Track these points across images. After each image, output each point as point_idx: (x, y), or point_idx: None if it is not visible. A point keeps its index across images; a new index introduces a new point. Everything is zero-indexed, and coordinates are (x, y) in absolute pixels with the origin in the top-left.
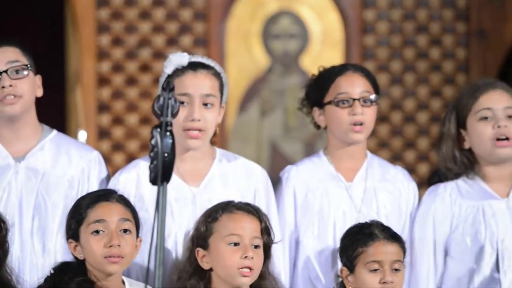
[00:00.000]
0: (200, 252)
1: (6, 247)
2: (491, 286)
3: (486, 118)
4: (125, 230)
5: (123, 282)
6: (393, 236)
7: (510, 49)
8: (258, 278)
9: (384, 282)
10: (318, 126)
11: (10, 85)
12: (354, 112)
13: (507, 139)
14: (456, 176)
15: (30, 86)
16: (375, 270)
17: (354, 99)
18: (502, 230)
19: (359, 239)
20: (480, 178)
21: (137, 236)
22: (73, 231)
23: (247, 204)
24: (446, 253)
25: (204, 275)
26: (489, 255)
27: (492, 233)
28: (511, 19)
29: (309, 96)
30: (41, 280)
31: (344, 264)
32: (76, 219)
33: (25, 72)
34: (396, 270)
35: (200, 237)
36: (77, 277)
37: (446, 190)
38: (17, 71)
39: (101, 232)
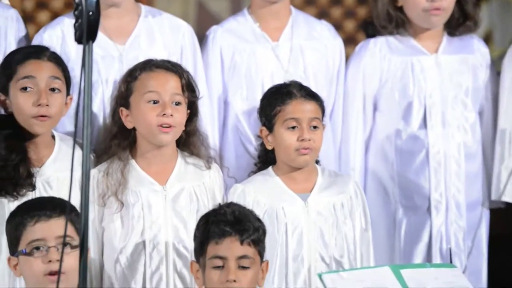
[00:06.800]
0: (123, 111)
1: None
2: (417, 142)
3: None
4: (54, 89)
5: (53, 137)
6: (310, 95)
7: None
8: (187, 135)
9: (302, 140)
10: None
11: None
12: None
13: (437, 9)
14: (390, 34)
15: None
16: (293, 127)
17: None
18: (430, 85)
19: (277, 98)
20: (411, 36)
21: (68, 94)
22: (2, 85)
23: (167, 61)
24: (375, 108)
25: (128, 135)
26: (416, 110)
27: (420, 88)
28: None
29: None
30: None
31: (263, 124)
32: (6, 74)
33: None
34: (315, 127)
35: (122, 97)
36: (5, 130)
37: (376, 46)
38: None
39: (29, 89)
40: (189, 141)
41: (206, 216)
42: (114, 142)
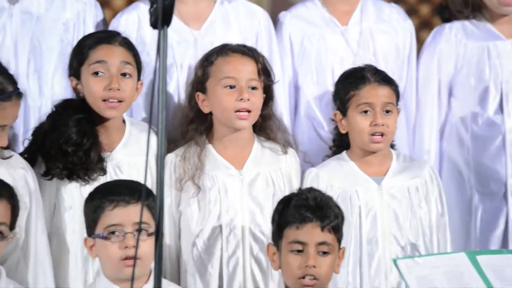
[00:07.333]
0: (200, 96)
1: None
2: (494, 127)
3: None
4: (125, 74)
5: (124, 121)
6: (384, 79)
7: None
8: (263, 119)
9: (375, 124)
10: None
11: None
12: None
13: None
14: (465, 18)
15: None
16: (366, 112)
17: None
18: (506, 71)
19: (351, 82)
20: (487, 20)
21: (139, 79)
22: (74, 69)
23: (243, 46)
24: (450, 94)
25: (205, 119)
26: (492, 96)
27: (497, 73)
28: None
29: None
30: (43, 118)
31: (338, 108)
32: (78, 59)
33: None
34: (388, 112)
35: (198, 81)
36: (77, 115)
37: (451, 31)
38: None
39: (101, 74)
40: (265, 125)
41: (287, 200)
42: (191, 127)
